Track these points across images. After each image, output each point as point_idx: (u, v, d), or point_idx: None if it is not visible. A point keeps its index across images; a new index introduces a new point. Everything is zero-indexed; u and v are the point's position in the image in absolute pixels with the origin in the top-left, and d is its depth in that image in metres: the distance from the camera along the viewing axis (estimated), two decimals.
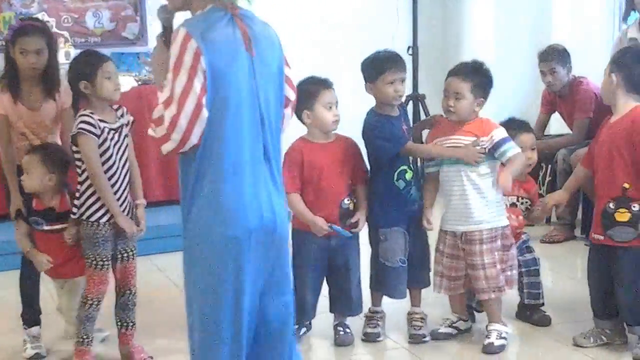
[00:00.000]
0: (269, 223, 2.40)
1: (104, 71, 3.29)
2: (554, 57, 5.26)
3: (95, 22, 5.75)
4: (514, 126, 3.87)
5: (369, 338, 3.74)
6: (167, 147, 2.36)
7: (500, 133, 3.56)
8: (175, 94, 2.28)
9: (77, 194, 3.33)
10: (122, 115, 3.39)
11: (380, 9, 6.32)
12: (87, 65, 3.32)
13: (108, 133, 3.28)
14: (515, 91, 6.24)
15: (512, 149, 3.54)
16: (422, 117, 5.83)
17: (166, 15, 2.53)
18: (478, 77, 3.59)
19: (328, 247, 3.62)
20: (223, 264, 2.37)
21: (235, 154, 2.34)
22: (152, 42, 5.95)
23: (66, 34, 5.41)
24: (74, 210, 3.33)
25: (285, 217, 2.51)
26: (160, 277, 4.69)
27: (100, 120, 3.27)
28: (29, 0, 5.57)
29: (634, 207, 3.35)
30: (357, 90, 3.75)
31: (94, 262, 3.33)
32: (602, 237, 3.44)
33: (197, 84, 2.27)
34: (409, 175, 3.65)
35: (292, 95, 2.59)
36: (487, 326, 3.66)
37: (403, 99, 3.74)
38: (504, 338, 3.62)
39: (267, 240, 2.42)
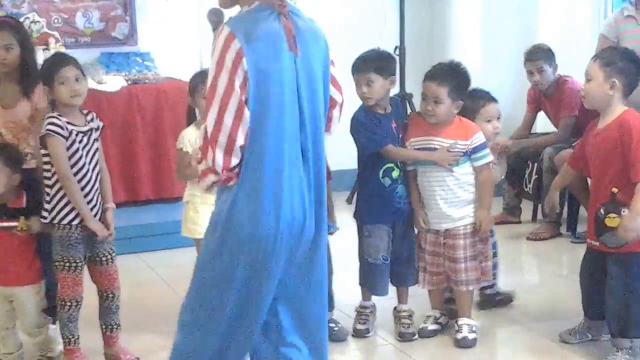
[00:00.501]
0: (298, 225, 2.40)
1: (60, 76, 3.27)
2: (540, 56, 5.31)
3: (85, 22, 5.76)
4: (478, 97, 3.86)
5: (359, 334, 3.77)
6: (218, 154, 2.30)
7: (480, 138, 3.65)
8: (218, 94, 2.28)
9: (47, 198, 3.30)
10: (91, 120, 3.38)
11: (368, 9, 6.35)
12: (47, 69, 3.34)
13: (77, 136, 3.28)
14: (501, 90, 6.20)
15: (487, 156, 3.66)
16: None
17: (215, 18, 2.54)
18: (455, 79, 3.65)
19: None
20: (242, 260, 2.37)
21: (276, 155, 2.34)
22: (142, 41, 6.02)
23: (56, 34, 5.42)
24: (44, 214, 3.30)
25: (316, 221, 2.46)
26: (151, 274, 4.71)
27: (68, 123, 3.26)
28: (19, 1, 5.58)
29: (624, 212, 3.26)
30: (345, 89, 3.79)
31: (67, 265, 3.31)
32: (597, 243, 3.40)
33: (237, 84, 2.26)
34: (395, 173, 3.67)
35: (338, 97, 2.57)
36: (457, 320, 3.74)
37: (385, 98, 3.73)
38: (475, 332, 3.71)
39: (292, 242, 2.40)
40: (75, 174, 3.28)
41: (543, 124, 5.78)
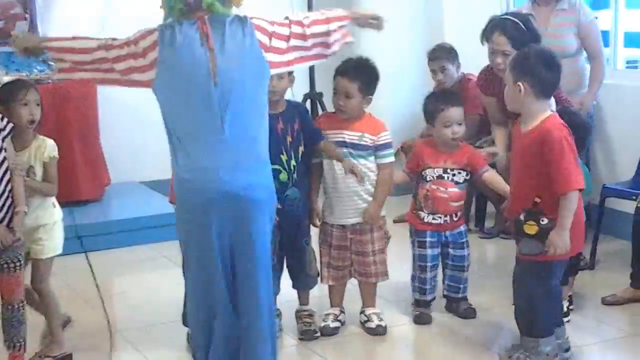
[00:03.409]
0: (230, 190, 2.81)
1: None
2: (442, 55, 5.40)
3: None
4: (438, 101, 3.91)
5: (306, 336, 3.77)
6: None
7: (386, 137, 3.75)
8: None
9: None
10: None
11: (275, 8, 6.33)
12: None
13: None
14: (409, 89, 6.36)
15: (390, 156, 3.76)
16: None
17: None
18: (365, 75, 3.73)
19: None
20: (190, 224, 2.90)
21: (181, 128, 2.85)
22: None
23: None
24: None
25: (255, 184, 2.89)
26: None
27: None
28: None
29: (542, 221, 3.22)
30: None
31: (6, 266, 3.19)
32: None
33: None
34: (283, 176, 3.61)
35: (266, 39, 3.02)
36: (364, 311, 3.84)
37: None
38: (383, 319, 3.83)
39: (230, 206, 2.83)
40: None
41: None
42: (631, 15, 5.34)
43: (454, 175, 3.84)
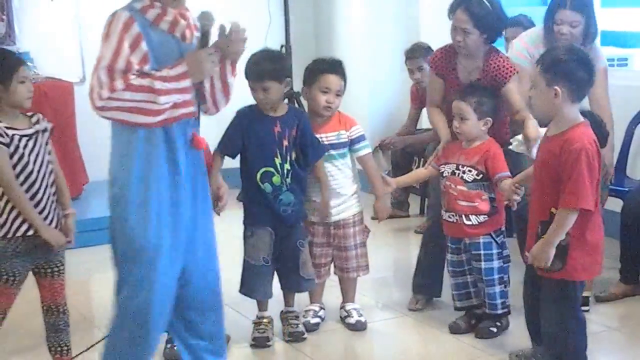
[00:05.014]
0: None
1: (20, 75, 3.10)
2: (419, 54, 5.44)
3: None
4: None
5: (258, 343, 3.70)
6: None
7: (359, 130, 3.77)
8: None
9: None
10: (37, 122, 3.17)
11: (253, 8, 6.36)
12: (1, 67, 3.10)
13: (19, 141, 3.08)
14: (386, 87, 6.40)
15: (367, 147, 3.79)
16: None
17: (205, 22, 2.73)
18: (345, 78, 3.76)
19: None
20: None
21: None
22: (21, 41, 5.83)
23: None
24: None
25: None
26: None
27: (9, 128, 3.07)
28: None
29: None
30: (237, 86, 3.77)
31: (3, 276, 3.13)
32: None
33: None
34: (276, 179, 3.59)
35: None
36: (344, 307, 3.87)
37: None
38: (363, 315, 3.85)
39: None
40: (23, 182, 3.07)
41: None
42: (607, 14, 5.38)
43: (464, 172, 3.62)
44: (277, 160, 3.58)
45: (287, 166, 3.59)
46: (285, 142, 3.59)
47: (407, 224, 5.60)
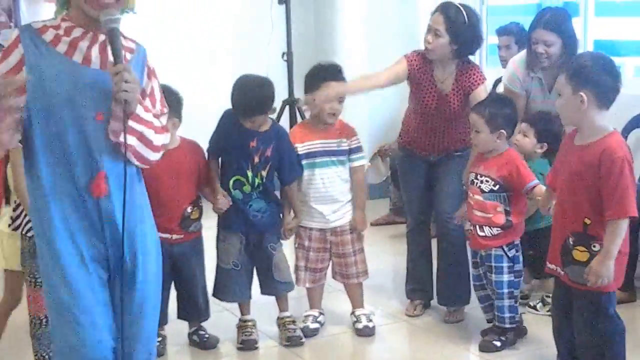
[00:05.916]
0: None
1: None
2: None
3: None
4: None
5: (246, 345, 3.75)
6: None
7: (358, 141, 3.86)
8: None
9: (14, 205, 3.15)
10: None
11: (255, 16, 6.43)
12: None
13: None
14: (385, 94, 6.43)
15: (362, 159, 3.88)
16: (299, 121, 5.96)
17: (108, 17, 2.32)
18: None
19: (171, 255, 3.54)
20: None
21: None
22: None
23: None
24: (9, 221, 3.16)
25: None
26: None
27: None
28: None
29: (594, 247, 2.95)
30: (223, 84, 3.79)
31: (34, 279, 3.13)
32: (561, 272, 3.06)
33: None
34: (247, 189, 3.65)
35: None
36: (354, 312, 3.89)
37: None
38: (372, 320, 3.87)
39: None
40: None
41: None
42: (600, 23, 5.45)
43: (481, 182, 3.58)
44: (249, 173, 3.64)
45: (257, 180, 3.65)
46: (257, 159, 3.62)
47: (404, 230, 5.63)
